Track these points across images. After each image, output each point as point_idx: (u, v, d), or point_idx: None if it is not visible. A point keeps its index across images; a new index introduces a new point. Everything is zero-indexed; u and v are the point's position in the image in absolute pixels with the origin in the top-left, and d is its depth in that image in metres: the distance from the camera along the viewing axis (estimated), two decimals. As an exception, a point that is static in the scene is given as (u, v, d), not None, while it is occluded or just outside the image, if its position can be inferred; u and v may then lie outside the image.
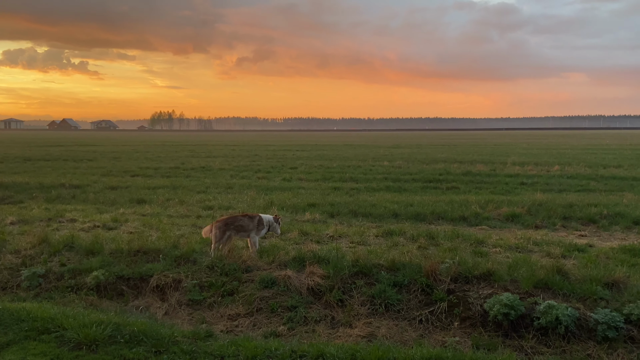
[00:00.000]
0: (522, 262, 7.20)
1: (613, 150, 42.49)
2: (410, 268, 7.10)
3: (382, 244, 8.92)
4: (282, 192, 16.63)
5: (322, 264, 7.26)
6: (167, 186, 18.54)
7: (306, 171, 25.08)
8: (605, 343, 5.55)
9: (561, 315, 5.63)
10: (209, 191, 17.42)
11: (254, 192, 16.43)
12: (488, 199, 14.13)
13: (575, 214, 11.98)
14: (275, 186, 18.73)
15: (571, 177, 21.71)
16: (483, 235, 9.91)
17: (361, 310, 6.49)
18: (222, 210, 13.06)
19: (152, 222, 10.97)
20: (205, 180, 21.03)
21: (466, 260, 7.21)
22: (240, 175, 23.39)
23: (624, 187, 18.30)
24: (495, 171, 24.43)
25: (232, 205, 13.74)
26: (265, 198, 14.89)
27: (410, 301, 6.61)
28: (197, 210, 13.18)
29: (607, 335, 5.57)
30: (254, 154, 39.94)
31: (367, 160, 32.51)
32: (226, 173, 24.23)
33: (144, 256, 8.00)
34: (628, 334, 5.67)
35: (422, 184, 20.24)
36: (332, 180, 21.25)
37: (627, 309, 5.83)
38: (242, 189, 17.70)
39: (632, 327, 5.73)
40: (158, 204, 14.26)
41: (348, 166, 27.79)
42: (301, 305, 6.59)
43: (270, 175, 23.30)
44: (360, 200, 14.39)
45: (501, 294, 6.23)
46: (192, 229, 10.33)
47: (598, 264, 7.18)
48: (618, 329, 5.62)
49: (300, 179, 21.76)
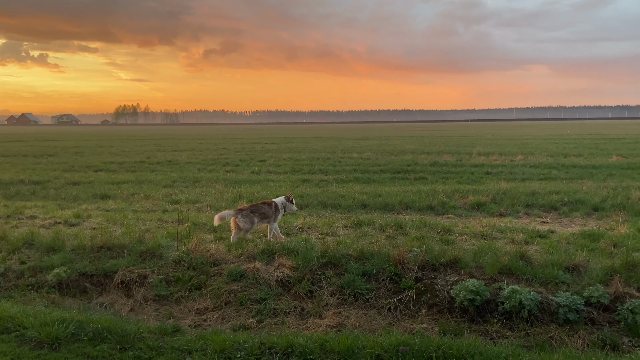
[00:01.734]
0: (487, 249, 7.37)
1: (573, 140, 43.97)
2: (379, 257, 7.17)
3: (351, 235, 8.98)
4: (250, 185, 16.57)
5: (292, 256, 7.26)
6: (132, 181, 18.16)
7: (275, 164, 25.03)
8: (566, 325, 5.73)
9: (524, 299, 5.79)
10: (176, 185, 17.23)
11: (222, 186, 16.29)
12: (454, 189, 14.40)
13: (538, 202, 12.34)
14: (243, 179, 18.63)
15: (534, 166, 22.35)
16: (450, 223, 10.10)
17: (330, 301, 6.52)
18: (190, 205, 12.90)
19: (117, 217, 10.72)
20: (171, 174, 20.78)
21: (433, 249, 7.33)
22: (207, 168, 23.19)
23: (584, 175, 18.98)
24: (461, 161, 24.92)
25: (200, 199, 13.61)
26: (234, 191, 14.79)
27: (379, 290, 6.67)
28: (163, 204, 12.98)
29: (568, 318, 5.75)
30: (222, 148, 39.60)
31: (336, 152, 32.63)
32: (193, 167, 23.98)
33: (108, 252, 7.80)
34: (588, 316, 5.87)
35: (391, 174, 20.47)
36: (301, 173, 21.28)
37: (587, 291, 6.03)
38: (210, 183, 17.55)
39: (592, 309, 5.93)
40: (122, 199, 13.96)
41: (317, 158, 27.86)
42: (270, 298, 6.57)
43: (239, 169, 23.18)
44: (329, 192, 14.46)
45: (467, 280, 6.36)
46: (158, 224, 10.16)
47: (559, 249, 7.40)
48: (579, 312, 5.81)
49: (269, 172, 21.73)
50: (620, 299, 5.94)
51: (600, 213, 11.32)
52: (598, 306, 5.94)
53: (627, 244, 7.85)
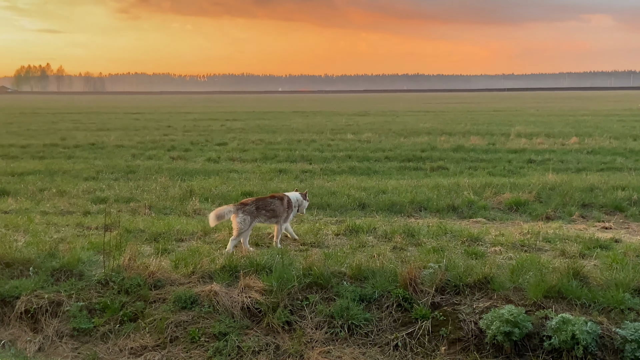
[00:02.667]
0: (529, 265, 7.42)
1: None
2: (382, 276, 7.18)
3: (345, 245, 8.97)
4: (206, 178, 16.57)
5: (263, 274, 7.23)
6: (40, 171, 18.01)
7: (240, 148, 24.94)
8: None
9: (579, 332, 5.86)
10: (102, 177, 17.15)
11: (166, 178, 16.25)
12: (485, 183, 14.51)
13: (598, 200, 12.49)
14: (196, 169, 18.63)
15: (593, 152, 22.58)
16: (479, 230, 10.14)
17: (316, 336, 6.51)
18: (121, 204, 12.85)
19: (19, 222, 10.61)
20: (95, 162, 20.66)
21: (456, 264, 7.36)
22: (146, 154, 23.12)
23: (660, 165, 19.20)
24: (494, 145, 25.10)
25: (135, 197, 13.57)
26: (183, 186, 14.76)
27: (382, 321, 6.68)
28: (84, 204, 12.90)
29: (637, 357, 5.84)
30: (167, 125, 39.44)
31: (325, 132, 32.64)
32: (126, 152, 23.88)
33: (7, 270, 7.73)
34: (663, 353, 5.97)
35: (399, 163, 20.56)
36: (276, 161, 21.27)
37: (662, 321, 6.13)
38: (150, 174, 17.53)
39: (668, 345, 6.03)
40: (27, 196, 13.84)
41: (298, 141, 27.81)
42: (233, 332, 6.55)
43: (190, 155, 23.10)
44: (315, 187, 14.48)
45: (502, 306, 6.41)
46: (77, 231, 10.08)
47: (626, 265, 7.50)
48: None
49: (232, 159, 21.67)
50: None
51: (681, 216, 11.48)
52: (677, 341, 6.03)
53: None
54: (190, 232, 9.73)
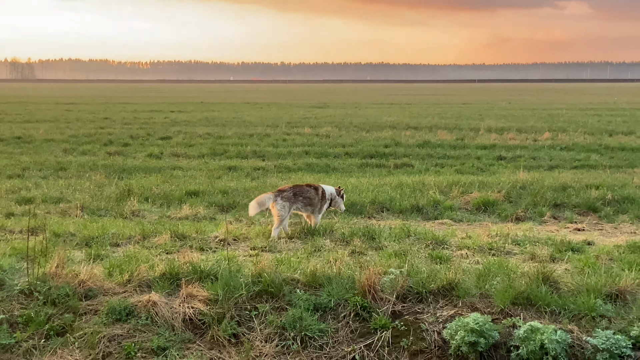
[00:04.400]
0: (497, 270, 7.53)
1: (622, 111, 45.75)
2: (339, 284, 7.18)
3: (299, 250, 9.00)
4: (146, 175, 16.50)
5: (207, 282, 7.18)
6: (-43, 168, 17.57)
7: (185, 143, 24.92)
8: (607, 378, 5.96)
9: (548, 341, 5.95)
10: (28, 175, 16.93)
11: (101, 176, 16.12)
12: (452, 181, 14.68)
13: (570, 200, 12.77)
14: (136, 166, 18.53)
15: (566, 148, 23.11)
16: (444, 232, 10.30)
17: (266, 349, 6.48)
18: (49, 205, 12.65)
19: None
20: (21, 158, 20.37)
21: (419, 270, 7.42)
22: (79, 149, 22.94)
23: (636, 162, 19.80)
24: (463, 141, 25.45)
25: (66, 197, 13.39)
26: (120, 184, 14.67)
27: (338, 332, 6.68)
28: (6, 204, 12.66)
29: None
30: (104, 117, 39.01)
31: (280, 126, 32.73)
32: (57, 146, 23.64)
33: None
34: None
35: (360, 160, 20.71)
36: (226, 157, 21.29)
37: (636, 329, 6.27)
38: (83, 171, 17.38)
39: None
40: (-59, 196, 13.47)
41: (250, 135, 27.84)
42: (174, 346, 6.48)
43: (129, 150, 22.98)
44: (268, 186, 14.49)
45: (467, 315, 6.47)
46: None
47: (598, 269, 7.67)
48: (624, 358, 6.03)
49: (176, 155, 21.64)
50: (683, 339, 6.22)
51: (657, 216, 11.81)
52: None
53: (692, 260, 8.22)
54: (127, 236, 9.61)
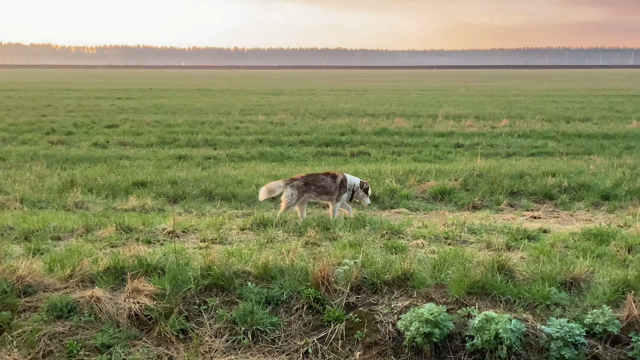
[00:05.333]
0: (453, 259, 7.63)
1: (580, 98, 46.72)
2: (291, 276, 7.20)
3: (251, 241, 8.99)
4: (91, 166, 16.35)
5: (154, 276, 7.11)
6: None
7: (133, 131, 24.69)
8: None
9: (502, 331, 6.05)
10: (-36, 166, 16.52)
11: (42, 166, 15.91)
12: (409, 169, 14.84)
13: (527, 188, 13.04)
14: (80, 156, 18.30)
15: (524, 135, 23.51)
16: (400, 222, 10.41)
17: (215, 344, 6.45)
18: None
19: None
20: (-44, 147, 19.93)
21: (374, 260, 7.47)
22: (19, 138, 22.62)
23: (592, 149, 20.27)
24: (421, 128, 25.69)
25: (4, 189, 13.16)
26: (63, 175, 14.47)
27: (290, 325, 6.69)
28: (-60, 197, 12.29)
29: (563, 356, 6.08)
30: (46, 105, 38.30)
31: (233, 113, 32.57)
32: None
33: None
34: (591, 351, 6.25)
35: (316, 148, 20.75)
36: (176, 146, 21.18)
37: (590, 317, 6.42)
38: (23, 161, 17.13)
39: (596, 342, 6.32)
40: None
41: (202, 123, 27.71)
42: (119, 343, 6.40)
43: (73, 139, 22.72)
44: (219, 176, 14.51)
45: (422, 305, 6.53)
46: None
47: (553, 257, 7.82)
48: (578, 346, 6.17)
49: (123, 144, 21.46)
50: (635, 327, 6.38)
51: (612, 203, 12.15)
52: (604, 337, 6.34)
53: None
54: (70, 229, 9.47)
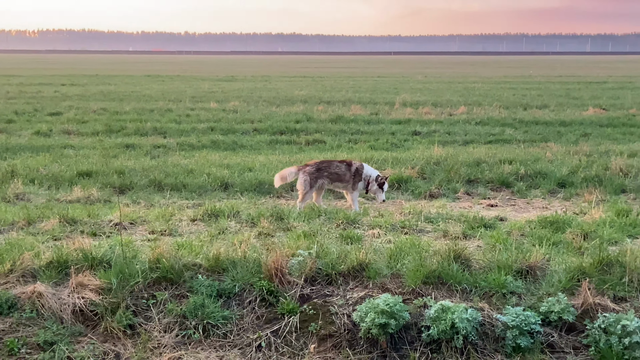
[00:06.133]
0: (409, 249, 7.70)
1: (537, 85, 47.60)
2: (244, 267, 7.17)
3: (202, 233, 8.96)
4: (33, 155, 16.09)
5: (100, 270, 7.01)
6: None
7: (78, 119, 24.44)
8: (517, 355, 6.18)
9: (458, 320, 6.12)
10: None
11: (-20, 156, 15.48)
12: (366, 157, 14.88)
13: (484, 176, 13.22)
14: (21, 145, 18.02)
15: (481, 122, 23.86)
16: (356, 211, 10.45)
17: (165, 340, 6.39)
18: None
19: None
20: None
21: (329, 251, 7.50)
22: (-45, 127, 22.08)
23: (549, 136, 20.69)
24: (377, 116, 25.85)
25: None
26: (2, 165, 14.18)
27: (243, 318, 6.67)
28: None
29: (519, 345, 6.20)
30: (-15, 91, 37.43)
31: (184, 100, 32.40)
32: None
33: None
34: (547, 339, 6.38)
35: (270, 136, 20.76)
36: (123, 134, 21.00)
37: (545, 305, 6.54)
38: (-40, 152, 16.69)
39: (551, 330, 6.44)
40: None
41: (151, 110, 27.51)
42: (62, 340, 6.28)
43: (13, 127, 22.37)
44: (169, 165, 14.43)
45: (378, 296, 6.56)
46: None
47: (510, 245, 7.96)
48: (533, 335, 6.28)
49: (68, 132, 21.23)
50: (590, 314, 6.53)
51: (568, 190, 12.42)
52: (560, 325, 6.48)
53: (601, 234, 8.66)
54: (10, 222, 9.29)
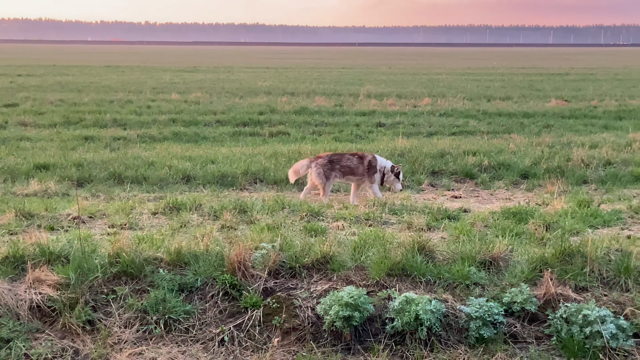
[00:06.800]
0: (373, 241, 7.73)
1: (501, 76, 48.15)
2: (206, 261, 7.13)
3: (164, 226, 8.91)
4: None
5: (57, 265, 6.91)
6: None
7: (35, 110, 24.18)
8: (480, 346, 6.24)
9: (422, 312, 6.15)
10: None
11: None
12: (330, 149, 14.94)
13: (448, 167, 13.37)
14: (-26, 137, 17.76)
15: (445, 114, 24.10)
16: (320, 203, 10.50)
17: (125, 335, 6.33)
18: None
19: None
20: None
21: (293, 244, 7.49)
22: None
23: (512, 127, 21.00)
24: (342, 107, 25.92)
25: None
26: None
27: (205, 313, 6.64)
28: None
29: (482, 335, 6.26)
30: (-63, 82, 36.76)
31: (144, 91, 32.18)
32: None
33: None
34: (509, 330, 6.45)
35: (233, 128, 20.76)
36: (82, 126, 20.85)
37: (508, 295, 6.62)
38: None
39: (514, 321, 6.51)
40: None
41: (110, 102, 27.33)
42: (19, 337, 6.18)
43: (-35, 119, 21.94)
44: (129, 158, 14.34)
45: (342, 289, 6.56)
46: None
47: (473, 236, 8.04)
48: (496, 325, 6.35)
49: (24, 124, 21.03)
50: (552, 304, 6.63)
51: (530, 181, 12.63)
52: (523, 316, 6.56)
53: (563, 224, 8.81)
54: (-36, 216, 9.13)
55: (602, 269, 6.96)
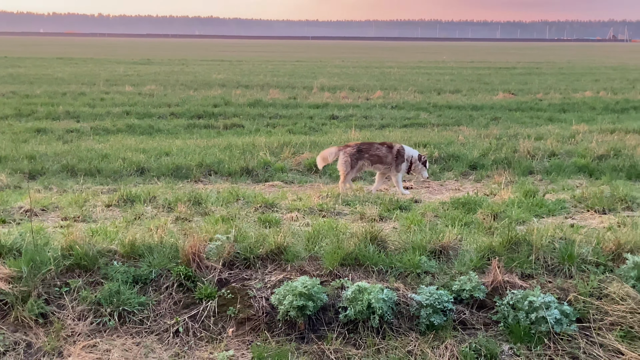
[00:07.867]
0: (327, 231, 7.77)
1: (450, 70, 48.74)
2: (160, 253, 7.10)
3: (117, 218, 8.86)
4: (-63, 141, 15.32)
5: (9, 258, 6.80)
6: None
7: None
8: (430, 333, 6.33)
9: (374, 300, 6.21)
10: None
11: None
12: (284, 141, 14.96)
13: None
14: None
15: (397, 107, 24.32)
16: (274, 195, 10.50)
17: (78, 328, 6.26)
18: None
19: None
20: None
21: (248, 235, 7.49)
22: None
23: (462, 119, 21.29)
24: (296, 100, 25.96)
25: None
26: None
27: (160, 304, 6.60)
28: None
29: (432, 323, 6.35)
30: None
31: (97, 84, 31.86)
32: None
33: None
34: (459, 317, 6.55)
35: (187, 120, 20.67)
36: (34, 118, 20.57)
37: (458, 283, 6.72)
38: None
39: (463, 308, 6.62)
40: None
41: (63, 94, 26.97)
42: (-30, 332, 6.07)
43: None
44: (82, 150, 14.20)
45: (295, 279, 6.60)
46: None
47: (424, 226, 8.15)
48: (446, 313, 6.44)
49: None
50: (500, 291, 6.75)
51: (479, 172, 12.81)
52: (471, 303, 6.66)
53: (510, 214, 8.98)
54: None
55: (547, 257, 7.10)
